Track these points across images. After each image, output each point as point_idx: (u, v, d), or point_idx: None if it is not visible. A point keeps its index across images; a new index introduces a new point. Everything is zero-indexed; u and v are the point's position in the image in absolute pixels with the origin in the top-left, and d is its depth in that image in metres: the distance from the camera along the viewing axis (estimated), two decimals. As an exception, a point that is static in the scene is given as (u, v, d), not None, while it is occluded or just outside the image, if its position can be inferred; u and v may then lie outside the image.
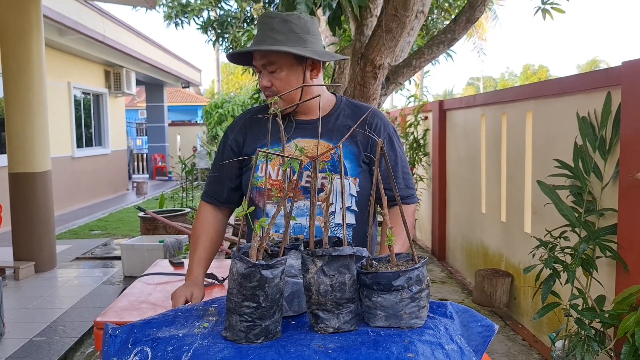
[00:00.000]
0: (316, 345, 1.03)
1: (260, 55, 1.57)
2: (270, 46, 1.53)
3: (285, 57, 1.56)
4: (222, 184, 1.74)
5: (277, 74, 1.57)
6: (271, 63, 1.57)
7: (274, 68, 1.57)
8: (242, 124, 1.74)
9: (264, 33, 1.57)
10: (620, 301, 2.50)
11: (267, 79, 1.58)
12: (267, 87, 1.59)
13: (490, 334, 1.17)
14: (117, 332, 1.14)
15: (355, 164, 1.62)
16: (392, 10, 3.26)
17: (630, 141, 2.62)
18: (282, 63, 1.57)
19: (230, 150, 1.72)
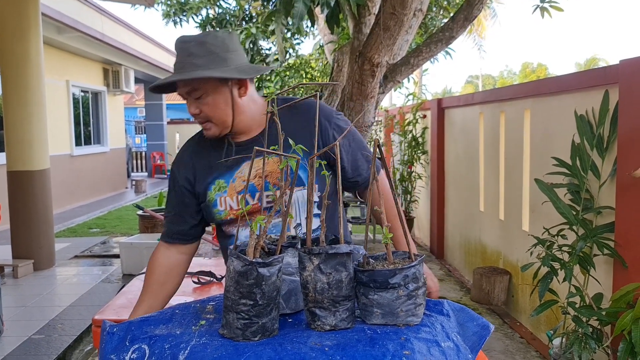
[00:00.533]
0: (313, 342, 1.04)
1: (183, 83, 1.49)
2: (189, 74, 1.45)
3: (209, 82, 1.48)
4: (184, 221, 1.64)
5: (204, 99, 1.49)
6: (195, 90, 1.49)
7: (199, 94, 1.49)
8: (187, 161, 1.64)
9: (182, 59, 1.48)
10: (618, 299, 2.51)
11: (195, 106, 1.51)
12: (196, 114, 1.51)
13: (486, 333, 1.17)
14: (115, 330, 1.14)
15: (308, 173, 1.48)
16: (390, 8, 3.26)
17: (627, 139, 2.62)
18: (206, 88, 1.49)
19: (184, 189, 1.62)
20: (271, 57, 6.44)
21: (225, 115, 1.51)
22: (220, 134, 1.55)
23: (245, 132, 1.58)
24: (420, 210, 7.23)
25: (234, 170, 1.57)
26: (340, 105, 3.84)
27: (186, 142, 1.71)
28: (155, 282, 1.61)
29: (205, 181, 1.59)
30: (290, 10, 2.97)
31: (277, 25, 3.15)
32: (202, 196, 1.60)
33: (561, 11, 4.09)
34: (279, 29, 3.18)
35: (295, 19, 2.86)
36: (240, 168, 1.57)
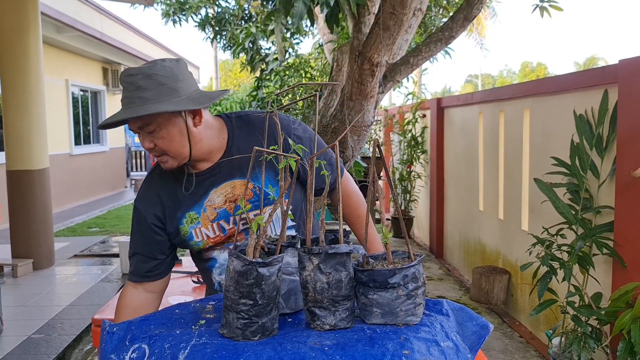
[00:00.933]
0: (312, 342, 1.04)
1: (134, 119, 1.40)
2: (139, 109, 1.37)
3: (161, 115, 1.41)
4: (152, 259, 1.57)
5: (157, 133, 1.42)
6: (147, 124, 1.41)
7: (151, 128, 1.42)
8: (154, 198, 1.57)
9: (130, 94, 1.40)
10: (617, 298, 2.51)
11: (148, 140, 1.43)
12: (151, 148, 1.45)
13: (485, 333, 1.18)
14: (115, 329, 1.14)
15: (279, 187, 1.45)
16: (389, 8, 3.26)
17: (627, 139, 2.62)
18: (158, 121, 1.42)
19: (154, 227, 1.55)
20: (270, 56, 6.44)
21: (181, 146, 1.45)
22: (178, 165, 1.48)
23: (205, 159, 1.52)
24: (420, 209, 7.23)
25: (203, 200, 1.52)
26: (340, 105, 3.83)
27: (147, 178, 1.63)
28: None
29: (175, 216, 1.54)
30: (290, 9, 2.97)
31: (277, 24, 3.15)
32: (175, 232, 1.55)
33: (561, 10, 4.09)
34: (278, 28, 3.18)
35: (294, 18, 2.86)
36: (208, 197, 1.52)
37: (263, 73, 6.59)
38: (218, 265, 1.58)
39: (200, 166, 1.53)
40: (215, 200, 1.51)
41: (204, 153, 1.51)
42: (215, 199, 1.51)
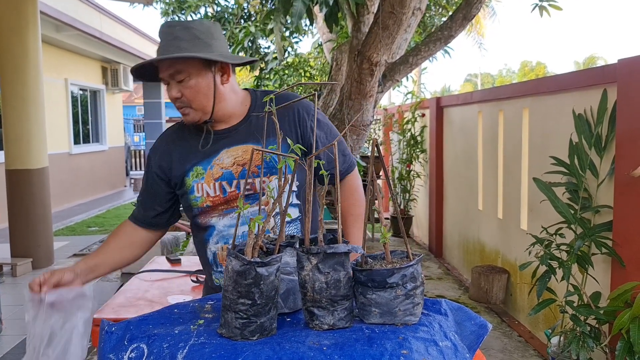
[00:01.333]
0: (311, 342, 1.04)
1: (167, 65, 1.49)
2: (175, 54, 1.45)
3: (193, 64, 1.48)
4: (150, 208, 1.66)
5: (186, 82, 1.49)
6: (178, 72, 1.48)
7: (182, 77, 1.49)
8: (164, 148, 1.65)
9: (167, 42, 1.47)
10: (615, 298, 2.52)
11: (177, 89, 1.50)
12: (177, 97, 1.51)
13: (484, 332, 1.18)
14: (113, 329, 1.14)
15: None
16: (389, 7, 3.26)
17: (625, 138, 2.63)
18: (189, 71, 1.49)
19: (155, 176, 1.64)
20: (270, 55, 6.44)
21: (206, 100, 1.51)
22: (199, 120, 1.54)
23: (225, 120, 1.59)
24: (419, 208, 7.23)
25: (212, 158, 1.57)
26: (339, 104, 3.84)
27: (165, 131, 1.72)
28: (115, 244, 1.65)
29: (182, 168, 1.60)
30: (289, 8, 2.97)
31: (276, 23, 3.15)
32: (179, 183, 1.60)
33: (560, 10, 4.10)
34: (277, 27, 3.18)
35: (294, 17, 2.86)
36: (218, 156, 1.57)
37: (262, 72, 6.60)
38: (216, 232, 1.59)
39: (218, 126, 1.59)
40: (225, 160, 1.56)
41: (225, 115, 1.57)
42: (225, 159, 1.56)
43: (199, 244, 1.66)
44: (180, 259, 3.02)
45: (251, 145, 1.55)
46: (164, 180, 1.63)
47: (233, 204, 1.56)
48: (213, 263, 1.61)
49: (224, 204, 1.57)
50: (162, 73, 1.51)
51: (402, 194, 7.28)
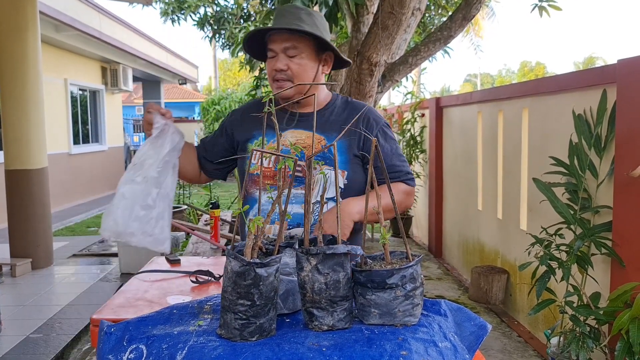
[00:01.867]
0: (310, 343, 1.04)
1: (284, 38, 1.62)
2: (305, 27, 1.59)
3: (308, 45, 1.63)
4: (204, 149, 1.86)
5: (296, 58, 1.62)
6: (294, 47, 1.62)
7: (295, 52, 1.62)
8: (245, 110, 1.81)
9: (289, 20, 1.60)
10: (615, 298, 2.51)
11: (285, 62, 1.62)
12: (281, 69, 1.63)
13: (483, 333, 1.18)
14: (113, 330, 1.14)
15: (345, 156, 1.67)
16: (388, 7, 3.26)
17: (625, 139, 2.62)
18: (303, 49, 1.63)
19: (224, 130, 1.82)
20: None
21: (306, 79, 1.65)
22: (292, 96, 1.66)
23: (304, 105, 1.72)
24: (419, 209, 7.23)
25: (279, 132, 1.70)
26: (339, 104, 3.84)
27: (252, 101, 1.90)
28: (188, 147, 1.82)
29: (250, 134, 1.73)
30: (289, 9, 2.96)
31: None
32: (242, 144, 1.75)
33: (559, 10, 4.10)
34: (277, 27, 3.18)
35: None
36: (284, 133, 1.69)
37: (262, 72, 6.58)
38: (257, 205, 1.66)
39: (302, 109, 1.72)
40: (288, 139, 1.68)
41: (310, 100, 1.71)
42: (289, 138, 1.68)
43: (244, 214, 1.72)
44: (180, 259, 3.01)
45: (317, 134, 1.68)
46: (228, 136, 1.80)
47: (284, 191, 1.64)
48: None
49: (271, 179, 1.66)
50: (275, 44, 1.64)
51: (401, 194, 7.27)
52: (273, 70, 1.64)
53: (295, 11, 1.64)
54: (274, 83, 1.66)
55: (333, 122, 1.69)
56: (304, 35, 1.63)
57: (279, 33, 1.63)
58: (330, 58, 1.71)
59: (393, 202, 1.17)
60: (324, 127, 1.69)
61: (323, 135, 1.67)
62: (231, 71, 37.25)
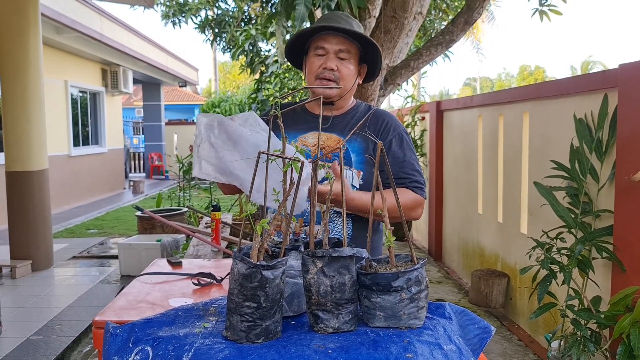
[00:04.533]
0: (316, 345, 1.04)
1: (339, 40, 1.67)
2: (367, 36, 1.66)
3: (356, 53, 1.71)
4: None
5: (346, 61, 1.68)
6: (347, 51, 1.68)
7: (346, 56, 1.68)
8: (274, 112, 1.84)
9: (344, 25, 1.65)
10: (616, 302, 2.52)
11: (336, 63, 1.68)
12: (332, 69, 1.67)
13: (487, 336, 1.18)
14: (118, 331, 1.14)
15: (362, 157, 1.70)
16: (390, 11, 3.27)
17: (626, 143, 2.63)
18: (352, 56, 1.70)
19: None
20: (270, 58, 6.44)
21: (349, 82, 1.71)
22: (334, 95, 1.71)
23: (340, 108, 1.78)
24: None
25: (300, 134, 1.73)
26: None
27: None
28: None
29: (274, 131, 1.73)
30: (292, 12, 2.97)
31: (278, 27, 3.15)
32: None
33: (560, 15, 4.11)
34: (279, 31, 3.18)
35: (296, 21, 2.86)
36: (306, 134, 1.73)
37: (263, 75, 6.59)
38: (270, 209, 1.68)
39: (334, 111, 1.77)
40: (309, 140, 1.72)
41: (343, 102, 1.77)
42: (310, 139, 1.73)
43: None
44: (181, 261, 3.01)
45: (335, 135, 1.72)
46: None
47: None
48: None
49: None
50: (328, 43, 1.68)
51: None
52: (322, 68, 1.68)
53: (348, 19, 1.69)
54: (319, 81, 1.69)
55: (354, 126, 1.72)
56: (354, 43, 1.70)
57: (334, 34, 1.68)
58: (364, 70, 1.78)
59: (398, 204, 1.18)
60: (344, 130, 1.73)
61: (343, 137, 1.72)
62: (231, 74, 37.27)
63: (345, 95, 1.76)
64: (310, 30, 1.72)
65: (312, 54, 1.72)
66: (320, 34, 1.70)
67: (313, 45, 1.73)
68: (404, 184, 1.71)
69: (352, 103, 1.83)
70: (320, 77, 1.69)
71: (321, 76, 1.69)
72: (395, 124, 1.78)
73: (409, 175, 1.72)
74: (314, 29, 1.71)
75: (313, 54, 1.71)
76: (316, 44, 1.71)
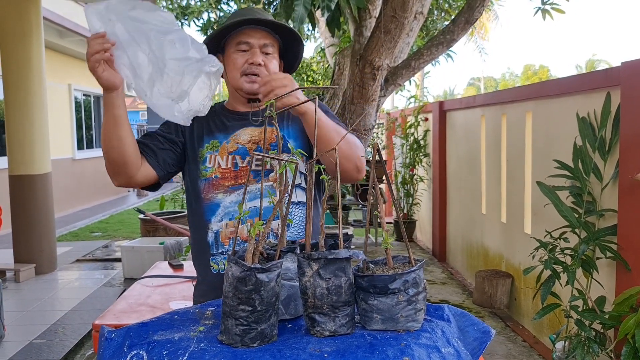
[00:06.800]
0: (312, 348, 1.03)
1: (263, 35, 1.62)
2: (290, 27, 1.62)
3: (278, 48, 1.66)
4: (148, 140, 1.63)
5: (270, 56, 1.62)
6: (272, 45, 1.63)
7: (270, 50, 1.63)
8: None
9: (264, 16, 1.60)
10: (621, 302, 2.49)
11: (262, 58, 1.61)
12: (259, 64, 1.59)
13: (487, 339, 1.16)
14: (113, 336, 1.13)
15: (301, 141, 1.63)
16: (390, 11, 3.25)
17: (629, 142, 2.61)
18: (276, 50, 1.65)
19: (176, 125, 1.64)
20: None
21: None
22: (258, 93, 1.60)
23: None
24: (422, 213, 7.21)
25: (231, 133, 1.65)
26: (342, 109, 3.83)
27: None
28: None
29: (200, 139, 1.65)
30: (291, 13, 2.96)
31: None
32: (192, 151, 1.64)
33: (562, 13, 4.09)
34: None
35: (295, 22, 2.85)
36: (236, 132, 1.64)
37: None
38: (221, 209, 1.59)
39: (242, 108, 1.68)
40: (242, 137, 1.64)
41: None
42: (242, 136, 1.64)
43: (198, 227, 1.64)
44: (183, 264, 3.01)
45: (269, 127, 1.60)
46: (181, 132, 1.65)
47: (241, 181, 1.60)
48: (213, 244, 1.61)
49: (232, 179, 1.60)
50: (252, 38, 1.61)
51: (405, 199, 7.26)
52: (248, 64, 1.60)
53: (264, 13, 1.64)
54: (246, 77, 1.61)
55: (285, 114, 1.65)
56: (276, 37, 1.65)
57: (256, 28, 1.61)
58: (281, 65, 1.72)
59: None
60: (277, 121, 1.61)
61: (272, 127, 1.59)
62: (234, 76, 37.30)
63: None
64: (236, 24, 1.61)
65: (232, 50, 1.63)
66: (242, 29, 1.62)
67: (234, 41, 1.63)
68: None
69: None
70: (247, 72, 1.61)
71: (248, 71, 1.60)
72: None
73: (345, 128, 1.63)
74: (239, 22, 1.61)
75: (235, 49, 1.62)
76: (238, 39, 1.62)
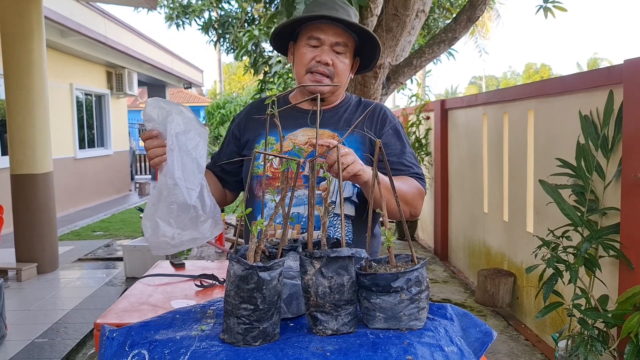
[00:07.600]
0: (314, 347, 1.02)
1: (339, 32, 1.55)
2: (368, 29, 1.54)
3: (352, 47, 1.59)
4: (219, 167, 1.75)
5: (342, 55, 1.56)
6: (344, 45, 1.56)
7: (343, 50, 1.56)
8: (248, 111, 1.74)
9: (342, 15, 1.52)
10: (624, 301, 2.48)
11: (331, 56, 1.55)
12: (327, 64, 1.54)
13: (489, 340, 1.15)
14: (114, 335, 1.13)
15: (360, 153, 1.56)
16: (392, 9, 3.25)
17: (632, 140, 2.60)
18: (349, 50, 1.58)
19: (232, 135, 1.72)
20: (274, 59, 6.43)
21: (343, 77, 1.60)
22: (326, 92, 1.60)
23: (331, 103, 1.66)
24: (424, 211, 7.20)
25: (288, 132, 1.60)
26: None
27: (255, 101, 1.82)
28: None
29: (256, 133, 1.65)
30: (292, 12, 2.96)
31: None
32: (250, 144, 1.65)
33: (564, 11, 4.07)
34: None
35: (297, 20, 2.85)
36: (295, 132, 1.60)
37: (266, 76, 6.58)
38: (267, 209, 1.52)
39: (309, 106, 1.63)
40: (299, 138, 1.59)
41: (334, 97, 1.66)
42: (300, 136, 1.59)
43: (249, 218, 1.63)
44: (184, 263, 3.00)
45: (328, 130, 1.59)
46: (237, 140, 1.70)
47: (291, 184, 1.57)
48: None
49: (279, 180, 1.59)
50: (324, 34, 1.54)
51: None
52: (315, 61, 1.54)
53: (345, 7, 1.54)
54: (311, 75, 1.56)
55: (346, 120, 1.62)
56: (352, 35, 1.57)
57: (331, 23, 1.53)
58: (357, 64, 1.67)
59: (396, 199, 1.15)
60: (337, 124, 1.61)
61: (336, 132, 1.59)
62: (236, 75, 37.35)
63: (338, 91, 1.64)
64: (307, 18, 1.56)
65: (303, 43, 1.57)
66: (316, 22, 1.54)
67: (306, 33, 1.57)
68: (408, 172, 1.59)
69: (342, 96, 1.72)
70: (313, 70, 1.55)
71: (314, 70, 1.54)
72: (390, 116, 1.67)
73: (410, 165, 1.60)
74: (311, 17, 1.55)
75: (305, 43, 1.56)
76: (310, 32, 1.55)
